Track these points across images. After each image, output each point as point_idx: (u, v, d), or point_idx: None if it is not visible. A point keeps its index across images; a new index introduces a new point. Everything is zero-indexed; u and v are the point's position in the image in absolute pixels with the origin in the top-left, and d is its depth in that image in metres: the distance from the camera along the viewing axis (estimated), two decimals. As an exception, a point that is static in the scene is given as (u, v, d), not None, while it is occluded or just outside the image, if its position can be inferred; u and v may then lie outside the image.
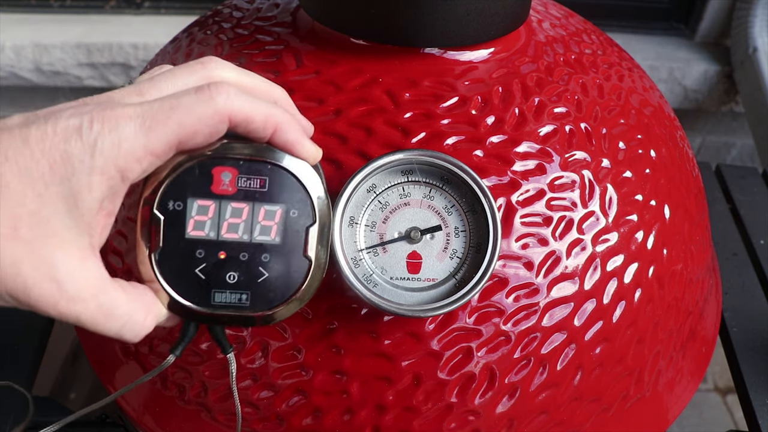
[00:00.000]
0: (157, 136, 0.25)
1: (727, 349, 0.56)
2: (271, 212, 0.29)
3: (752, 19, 1.17)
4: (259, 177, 0.28)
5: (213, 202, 0.28)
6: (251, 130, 0.28)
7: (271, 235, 0.29)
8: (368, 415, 0.37)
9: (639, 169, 0.43)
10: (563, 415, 0.40)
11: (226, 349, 0.32)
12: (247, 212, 0.28)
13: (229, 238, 0.28)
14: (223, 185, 0.28)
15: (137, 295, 0.28)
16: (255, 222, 0.28)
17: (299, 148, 0.29)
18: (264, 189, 0.28)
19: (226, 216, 0.28)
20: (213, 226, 0.28)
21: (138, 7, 1.26)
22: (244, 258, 0.29)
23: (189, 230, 0.28)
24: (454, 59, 0.42)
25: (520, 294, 0.37)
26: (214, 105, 0.26)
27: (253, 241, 0.29)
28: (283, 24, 0.45)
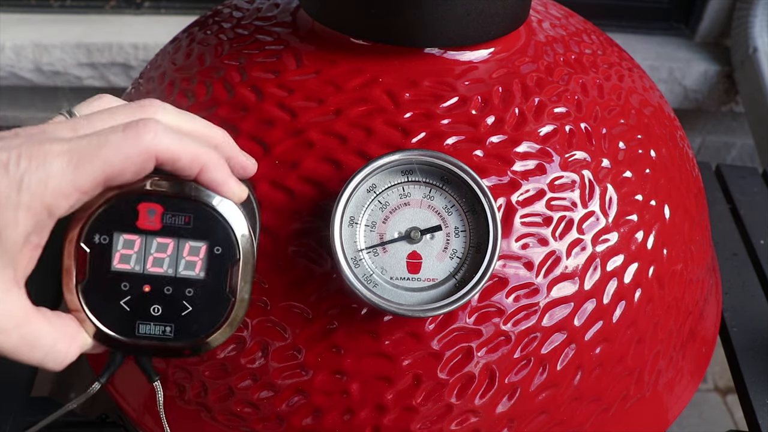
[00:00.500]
0: (84, 173, 0.26)
1: (727, 349, 0.56)
2: (195, 248, 0.29)
3: (752, 19, 1.17)
4: (184, 214, 0.29)
5: (138, 237, 0.29)
6: (178, 168, 0.28)
7: (195, 271, 0.29)
8: (368, 415, 0.37)
9: (639, 169, 0.43)
10: (563, 415, 0.40)
11: (152, 378, 0.33)
12: (172, 248, 0.29)
13: (154, 272, 0.29)
14: (149, 221, 0.29)
15: (61, 324, 0.29)
16: (180, 257, 0.29)
17: (224, 188, 0.30)
18: (189, 226, 0.29)
19: (152, 251, 0.29)
20: (138, 260, 0.29)
21: (138, 7, 1.26)
22: (168, 292, 0.29)
23: (115, 263, 0.29)
24: (454, 59, 0.42)
25: (520, 294, 0.37)
26: (141, 143, 0.26)
27: (177, 275, 0.29)
28: (283, 24, 0.45)
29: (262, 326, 0.38)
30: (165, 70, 0.47)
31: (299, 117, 0.39)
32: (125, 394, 0.44)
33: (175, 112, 0.30)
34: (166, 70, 0.47)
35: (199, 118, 0.31)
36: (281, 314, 0.37)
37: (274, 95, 0.40)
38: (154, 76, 0.48)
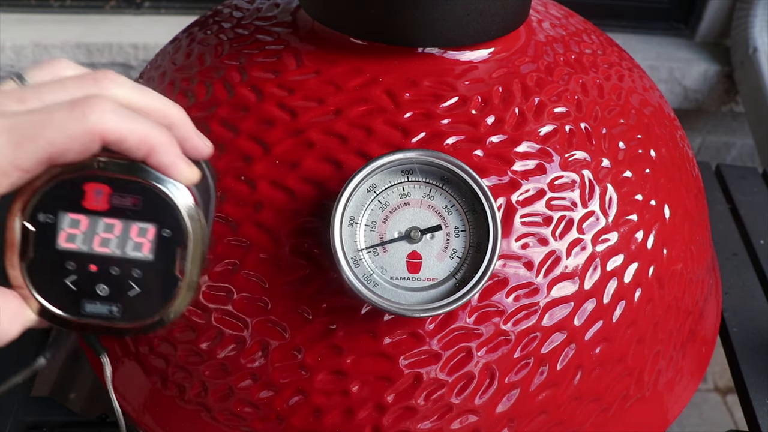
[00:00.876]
0: (25, 152, 0.25)
1: (727, 349, 0.56)
2: (143, 229, 0.29)
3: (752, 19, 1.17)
4: (132, 195, 0.29)
5: (85, 217, 0.29)
6: (125, 149, 0.27)
7: (143, 252, 0.29)
8: (368, 415, 0.37)
9: (639, 169, 0.43)
10: (563, 415, 0.40)
11: (99, 352, 0.33)
12: (120, 229, 0.29)
13: (100, 252, 0.29)
14: (96, 201, 0.28)
15: (4, 301, 0.28)
16: (127, 238, 0.29)
17: (173, 170, 0.29)
18: (137, 207, 0.29)
19: (98, 231, 0.29)
20: (85, 239, 0.29)
21: (138, 7, 1.26)
22: (115, 272, 0.29)
23: (60, 242, 0.29)
24: (454, 59, 0.42)
25: (520, 294, 0.37)
26: (86, 123, 0.26)
27: (125, 256, 0.29)
28: (283, 24, 0.45)
29: (262, 326, 0.38)
30: (165, 70, 0.47)
31: (299, 117, 0.39)
32: (125, 394, 0.44)
33: (129, 85, 0.29)
34: (166, 70, 0.47)
35: (156, 93, 0.30)
36: (281, 314, 0.37)
37: (274, 95, 0.40)
38: (154, 76, 0.48)
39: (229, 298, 0.38)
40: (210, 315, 0.38)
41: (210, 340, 0.39)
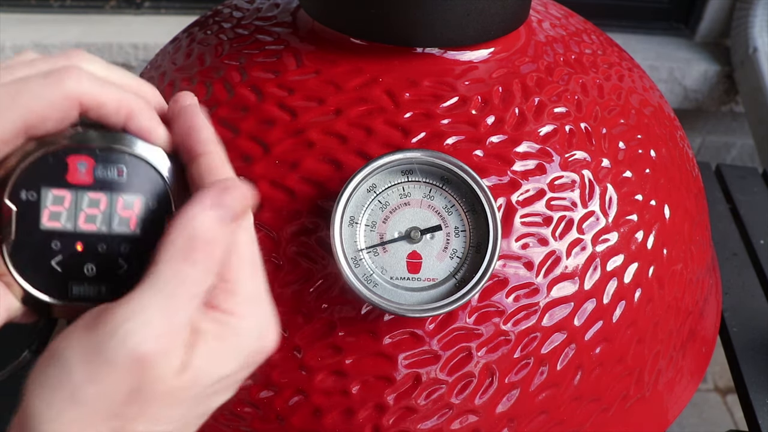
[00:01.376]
0: (2, 121, 0.24)
1: (727, 349, 0.56)
2: (129, 202, 0.28)
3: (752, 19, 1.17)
4: (117, 166, 0.27)
5: (69, 192, 0.27)
6: (103, 114, 0.26)
7: (130, 227, 0.28)
8: (368, 415, 0.37)
9: (639, 169, 0.43)
10: (563, 415, 0.40)
11: None
12: (105, 203, 0.27)
13: (86, 230, 0.27)
14: (80, 175, 0.27)
15: None
16: (113, 213, 0.27)
17: (153, 134, 0.28)
18: (122, 179, 0.27)
19: (83, 207, 0.27)
20: (69, 217, 0.27)
21: (138, 7, 1.26)
22: (102, 250, 0.28)
23: (44, 221, 0.27)
24: (454, 59, 0.42)
25: (520, 294, 0.37)
26: (63, 88, 0.25)
27: (111, 232, 0.28)
28: (283, 24, 0.45)
29: (262, 326, 0.38)
30: (165, 70, 0.47)
31: (299, 117, 0.39)
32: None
33: (102, 63, 0.28)
34: (166, 70, 0.47)
35: (127, 72, 0.29)
36: (281, 314, 0.37)
37: (274, 95, 0.40)
38: (154, 76, 0.48)
39: (229, 298, 0.38)
40: (210, 315, 0.38)
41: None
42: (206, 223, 0.24)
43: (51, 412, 0.22)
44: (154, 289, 0.23)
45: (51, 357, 0.23)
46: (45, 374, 0.22)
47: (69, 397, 0.22)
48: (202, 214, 0.25)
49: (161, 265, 0.24)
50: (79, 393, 0.22)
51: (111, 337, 0.22)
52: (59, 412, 0.22)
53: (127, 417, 0.22)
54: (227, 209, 0.25)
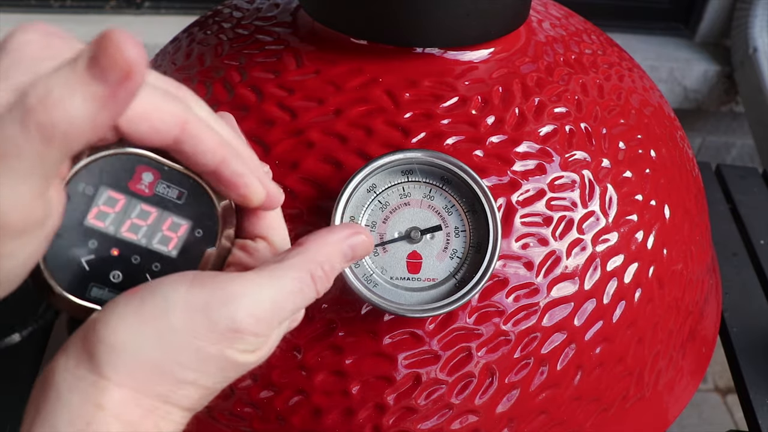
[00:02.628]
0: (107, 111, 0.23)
1: (727, 349, 0.56)
2: (176, 225, 0.28)
3: (752, 19, 1.17)
4: (179, 189, 0.28)
5: (124, 198, 0.27)
6: (199, 151, 0.25)
7: (168, 247, 0.28)
8: (368, 415, 0.37)
9: (639, 169, 0.43)
10: (563, 415, 0.40)
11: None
12: (154, 218, 0.28)
13: (126, 237, 0.27)
14: (141, 184, 0.27)
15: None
16: (158, 229, 0.28)
17: (245, 179, 0.27)
18: (179, 201, 0.28)
19: (132, 215, 0.27)
20: (115, 221, 0.27)
21: (138, 7, 1.26)
22: (135, 261, 0.28)
23: (89, 217, 0.27)
24: (454, 59, 0.42)
25: (520, 294, 0.37)
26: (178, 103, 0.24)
27: (149, 247, 0.28)
28: (283, 24, 0.45)
29: (262, 326, 0.38)
30: (165, 70, 0.47)
31: (299, 117, 0.39)
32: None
33: (210, 111, 0.27)
34: (166, 70, 0.47)
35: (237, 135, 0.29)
36: (281, 314, 0.37)
37: (274, 95, 0.40)
38: (154, 76, 0.48)
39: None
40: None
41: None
42: (336, 253, 0.27)
43: (134, 339, 0.23)
44: (274, 280, 0.25)
45: (149, 293, 0.24)
46: (140, 305, 0.24)
47: (156, 334, 0.23)
48: (337, 245, 0.27)
49: (287, 264, 0.26)
50: (168, 335, 0.23)
51: (223, 304, 0.24)
52: (143, 342, 0.23)
53: (189, 369, 0.24)
54: (353, 251, 0.28)
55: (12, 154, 0.20)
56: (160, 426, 0.24)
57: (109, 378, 0.23)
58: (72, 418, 0.23)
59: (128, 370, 0.23)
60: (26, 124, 0.19)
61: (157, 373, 0.24)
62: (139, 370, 0.23)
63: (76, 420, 0.23)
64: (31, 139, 0.19)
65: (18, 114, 0.19)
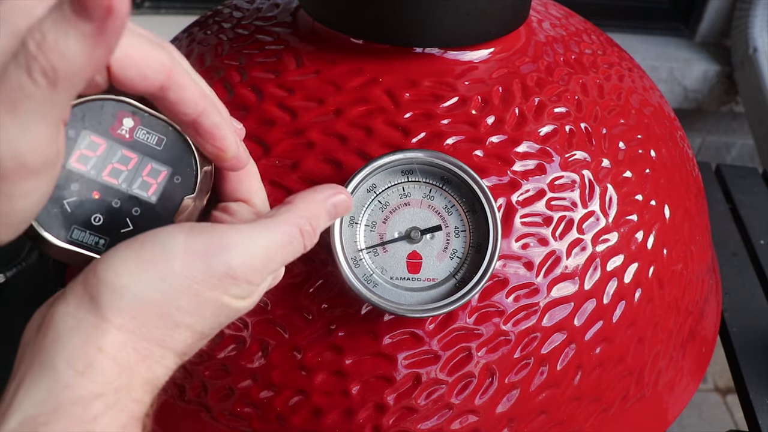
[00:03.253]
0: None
1: (727, 349, 0.56)
2: (156, 171, 0.29)
3: (752, 20, 1.17)
4: (158, 135, 0.29)
5: (105, 142, 0.28)
6: (182, 98, 0.26)
7: (148, 192, 0.29)
8: (368, 415, 0.37)
9: (639, 169, 0.43)
10: (563, 415, 0.40)
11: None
12: (134, 163, 0.28)
13: (107, 182, 0.28)
14: (122, 129, 0.28)
15: None
16: (138, 174, 0.29)
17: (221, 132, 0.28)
18: (158, 148, 0.29)
19: (113, 160, 0.28)
20: (97, 164, 0.28)
21: (138, 7, 1.26)
22: (116, 205, 0.29)
23: (72, 160, 0.28)
24: (454, 59, 0.42)
25: (520, 294, 0.37)
26: (165, 51, 0.25)
27: (129, 192, 0.29)
28: (283, 24, 0.45)
29: (262, 326, 0.38)
30: (165, 70, 0.47)
31: (299, 117, 0.39)
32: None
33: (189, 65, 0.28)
34: (166, 70, 0.47)
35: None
36: (281, 314, 0.37)
37: (274, 95, 0.40)
38: (154, 76, 0.48)
39: (229, 298, 0.38)
40: (210, 315, 0.38)
41: (210, 340, 0.39)
42: (321, 210, 0.29)
43: (136, 282, 0.24)
44: (266, 233, 0.27)
45: (148, 240, 0.25)
46: (141, 250, 0.25)
47: (158, 278, 0.24)
48: (322, 203, 0.29)
49: (278, 219, 0.28)
50: (169, 279, 0.24)
51: (220, 251, 0.25)
52: (145, 285, 0.24)
53: (186, 313, 0.25)
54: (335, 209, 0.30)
55: (25, 100, 0.21)
56: (153, 369, 0.25)
57: (111, 320, 0.24)
58: (71, 359, 0.23)
59: (129, 312, 0.24)
60: (31, 70, 0.20)
61: (156, 315, 0.25)
62: (139, 312, 0.24)
63: (76, 361, 0.23)
64: (39, 84, 0.20)
65: (23, 61, 0.20)
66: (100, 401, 0.23)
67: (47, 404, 0.22)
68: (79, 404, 0.23)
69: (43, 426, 0.22)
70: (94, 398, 0.23)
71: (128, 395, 0.24)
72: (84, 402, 0.23)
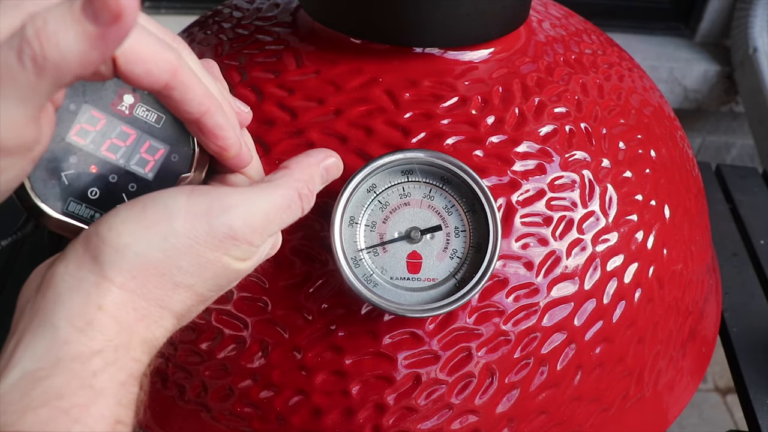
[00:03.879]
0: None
1: (727, 349, 0.56)
2: (154, 148, 0.29)
3: (752, 20, 1.17)
4: (157, 113, 0.29)
5: (105, 117, 0.28)
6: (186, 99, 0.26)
7: (145, 169, 0.29)
8: (368, 415, 0.37)
9: (639, 169, 0.43)
10: (563, 415, 0.40)
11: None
12: (133, 139, 0.29)
13: (105, 156, 0.29)
14: (122, 105, 0.28)
15: None
16: (136, 151, 0.29)
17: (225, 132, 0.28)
18: (157, 125, 0.29)
19: (112, 135, 0.28)
20: (96, 139, 0.28)
21: (138, 7, 1.26)
22: (112, 180, 0.29)
23: (71, 134, 0.28)
24: (454, 59, 0.42)
25: (520, 294, 0.37)
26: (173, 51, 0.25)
27: (127, 167, 0.29)
28: (283, 24, 0.45)
29: (262, 326, 0.38)
30: (165, 70, 0.47)
31: (299, 117, 0.39)
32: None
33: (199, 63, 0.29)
34: (166, 70, 0.47)
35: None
36: (281, 314, 0.37)
37: (274, 95, 0.40)
38: (154, 76, 0.48)
39: (229, 298, 0.38)
40: (210, 315, 0.38)
41: (210, 340, 0.39)
42: (316, 176, 0.30)
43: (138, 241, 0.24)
44: (266, 195, 0.27)
45: (150, 201, 0.25)
46: (143, 211, 0.25)
47: (160, 237, 0.25)
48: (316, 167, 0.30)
49: (278, 183, 0.28)
50: (173, 237, 0.25)
51: (222, 211, 0.26)
52: (147, 244, 0.25)
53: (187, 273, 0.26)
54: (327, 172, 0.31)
55: (7, 80, 0.21)
56: (152, 330, 0.25)
57: (112, 279, 0.24)
58: (71, 316, 0.23)
59: (131, 271, 0.24)
60: (22, 53, 0.20)
61: (157, 275, 0.25)
62: (141, 271, 0.24)
63: (76, 319, 0.23)
64: (26, 68, 0.21)
65: (16, 42, 0.20)
66: (99, 358, 0.23)
67: (46, 359, 0.23)
68: (78, 360, 0.23)
69: (42, 380, 0.22)
70: (94, 354, 0.23)
71: (127, 354, 0.24)
72: (83, 358, 0.23)
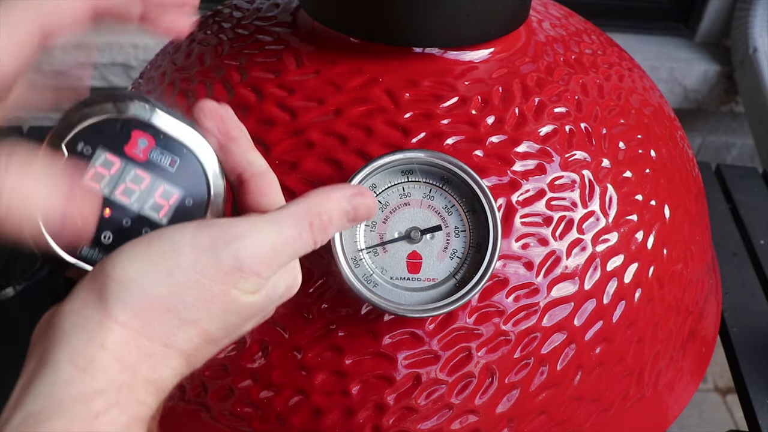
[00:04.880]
0: None
1: (727, 349, 0.56)
2: (168, 192, 0.29)
3: (752, 20, 1.17)
4: (172, 156, 0.29)
5: (120, 161, 0.28)
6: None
7: (159, 214, 0.29)
8: (368, 415, 0.37)
9: (639, 169, 0.43)
10: (563, 415, 0.40)
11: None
12: (147, 184, 0.29)
13: (119, 200, 0.28)
14: (137, 149, 0.28)
15: None
16: (150, 195, 0.29)
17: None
18: (171, 169, 0.29)
19: (126, 179, 0.28)
20: (110, 183, 0.28)
21: (138, 7, 1.26)
22: (126, 224, 0.29)
23: (86, 178, 0.28)
24: (454, 59, 0.42)
25: (520, 294, 0.37)
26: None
27: (141, 212, 0.29)
28: (283, 24, 0.45)
29: (262, 326, 0.37)
30: (165, 70, 0.47)
31: (299, 117, 0.39)
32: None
33: None
34: (166, 70, 0.47)
35: None
36: (281, 314, 0.37)
37: (274, 95, 0.40)
38: (155, 76, 0.48)
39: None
40: (210, 315, 0.38)
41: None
42: (336, 209, 0.28)
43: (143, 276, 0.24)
44: (274, 225, 0.27)
45: (155, 237, 0.26)
46: (148, 247, 0.25)
47: (165, 272, 0.25)
48: (338, 201, 0.28)
49: (287, 212, 0.27)
50: (176, 273, 0.25)
51: (227, 243, 0.25)
52: (152, 279, 0.24)
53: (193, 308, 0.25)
54: (355, 211, 0.29)
55: None
56: (156, 370, 0.25)
57: (115, 318, 0.24)
58: (74, 355, 0.23)
59: (135, 308, 0.24)
60: None
61: (161, 312, 0.25)
62: (145, 308, 0.24)
63: (78, 358, 0.23)
64: None
65: None
66: (102, 399, 0.23)
67: (49, 400, 0.23)
68: (80, 401, 0.23)
69: (45, 422, 0.22)
70: (96, 395, 0.23)
71: (130, 394, 0.24)
72: (85, 398, 0.23)
